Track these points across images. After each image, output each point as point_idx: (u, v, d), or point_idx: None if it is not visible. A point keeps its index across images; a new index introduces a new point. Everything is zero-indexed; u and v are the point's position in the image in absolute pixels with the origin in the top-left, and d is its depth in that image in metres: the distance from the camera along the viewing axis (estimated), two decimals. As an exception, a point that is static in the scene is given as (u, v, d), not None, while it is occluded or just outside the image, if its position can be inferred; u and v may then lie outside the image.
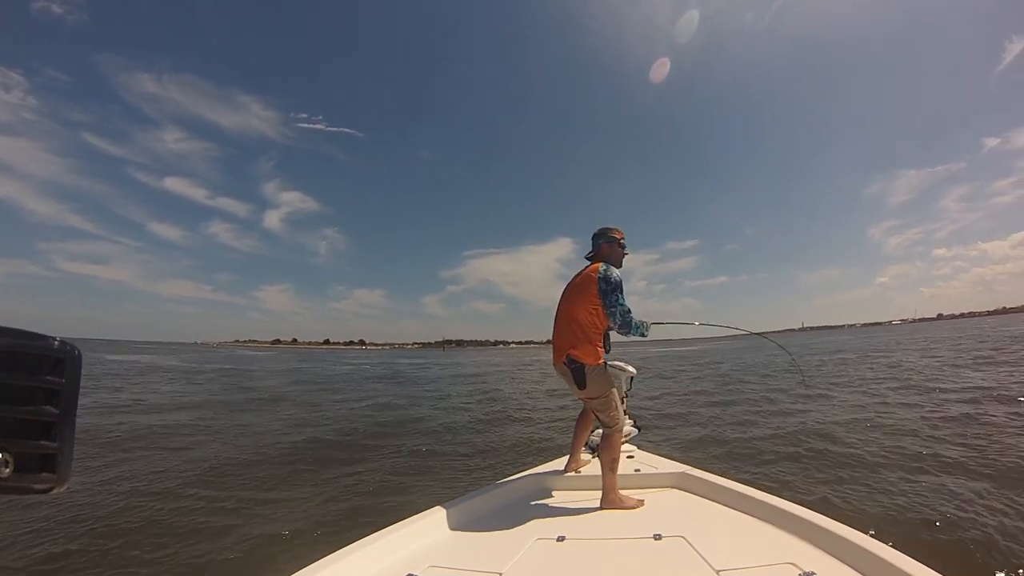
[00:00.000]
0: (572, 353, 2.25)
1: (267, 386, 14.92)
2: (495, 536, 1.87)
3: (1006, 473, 4.22)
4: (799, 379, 11.82)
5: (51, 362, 0.42)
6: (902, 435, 5.79)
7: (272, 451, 5.83)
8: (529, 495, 2.40)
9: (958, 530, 3.25)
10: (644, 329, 2.37)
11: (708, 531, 1.82)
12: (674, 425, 7.42)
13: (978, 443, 5.16)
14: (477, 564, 1.59)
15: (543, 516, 2.09)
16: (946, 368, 12.53)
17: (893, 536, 3.07)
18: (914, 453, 5.00)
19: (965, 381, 9.70)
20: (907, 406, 7.57)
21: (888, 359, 17.21)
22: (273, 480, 4.57)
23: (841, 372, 13.80)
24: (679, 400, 10.25)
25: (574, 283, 2.39)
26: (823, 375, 13.19)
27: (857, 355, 20.72)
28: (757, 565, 1.51)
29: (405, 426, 7.79)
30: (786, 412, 7.86)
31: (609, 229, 2.46)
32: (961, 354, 16.35)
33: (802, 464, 4.94)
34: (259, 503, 3.90)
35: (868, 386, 10.29)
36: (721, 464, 4.99)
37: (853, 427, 6.31)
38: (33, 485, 0.41)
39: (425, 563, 1.59)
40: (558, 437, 6.37)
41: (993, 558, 2.90)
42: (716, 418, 7.78)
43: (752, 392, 10.63)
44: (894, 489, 4.04)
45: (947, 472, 4.39)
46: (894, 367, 14.06)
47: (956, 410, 6.86)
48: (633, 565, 1.58)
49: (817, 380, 11.89)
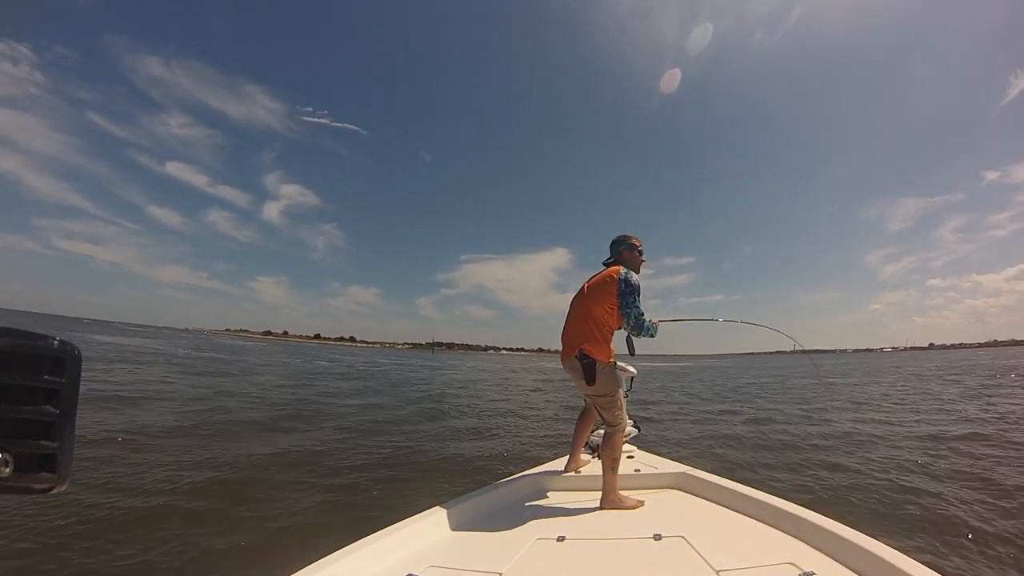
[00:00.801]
0: (585, 348, 2.28)
1: (246, 374, 14.81)
2: (495, 536, 1.87)
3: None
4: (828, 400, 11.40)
5: (51, 362, 0.42)
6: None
7: (257, 453, 5.80)
8: (528, 495, 2.40)
9: (953, 530, 3.26)
10: (654, 331, 2.41)
11: (708, 531, 1.82)
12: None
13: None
14: (477, 564, 1.59)
15: (543, 516, 2.08)
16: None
17: (892, 537, 3.08)
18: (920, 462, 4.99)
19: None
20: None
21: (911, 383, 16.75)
22: (260, 484, 4.55)
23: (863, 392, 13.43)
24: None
25: (593, 281, 2.42)
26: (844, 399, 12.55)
27: (869, 378, 20.44)
28: (757, 565, 1.51)
29: (395, 426, 7.77)
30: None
31: (628, 236, 2.53)
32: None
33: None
34: (242, 507, 3.89)
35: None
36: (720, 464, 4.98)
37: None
38: (33, 485, 0.41)
39: (425, 563, 1.59)
40: (544, 450, 6.31)
41: (988, 557, 2.90)
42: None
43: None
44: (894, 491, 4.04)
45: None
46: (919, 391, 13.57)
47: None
48: (633, 565, 1.58)
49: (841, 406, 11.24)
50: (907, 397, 11.74)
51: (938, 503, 3.78)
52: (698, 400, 12.53)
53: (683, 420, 8.91)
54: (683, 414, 9.78)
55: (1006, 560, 2.89)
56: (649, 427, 7.54)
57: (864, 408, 9.76)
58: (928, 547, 3.06)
